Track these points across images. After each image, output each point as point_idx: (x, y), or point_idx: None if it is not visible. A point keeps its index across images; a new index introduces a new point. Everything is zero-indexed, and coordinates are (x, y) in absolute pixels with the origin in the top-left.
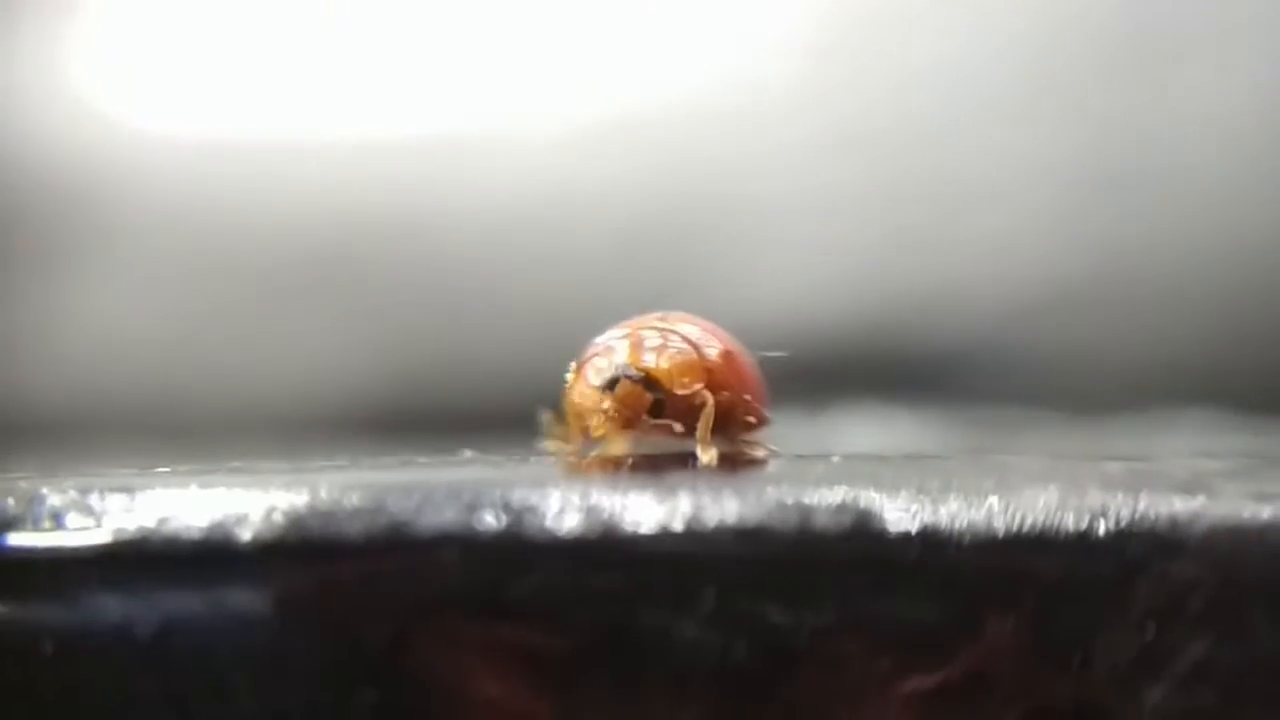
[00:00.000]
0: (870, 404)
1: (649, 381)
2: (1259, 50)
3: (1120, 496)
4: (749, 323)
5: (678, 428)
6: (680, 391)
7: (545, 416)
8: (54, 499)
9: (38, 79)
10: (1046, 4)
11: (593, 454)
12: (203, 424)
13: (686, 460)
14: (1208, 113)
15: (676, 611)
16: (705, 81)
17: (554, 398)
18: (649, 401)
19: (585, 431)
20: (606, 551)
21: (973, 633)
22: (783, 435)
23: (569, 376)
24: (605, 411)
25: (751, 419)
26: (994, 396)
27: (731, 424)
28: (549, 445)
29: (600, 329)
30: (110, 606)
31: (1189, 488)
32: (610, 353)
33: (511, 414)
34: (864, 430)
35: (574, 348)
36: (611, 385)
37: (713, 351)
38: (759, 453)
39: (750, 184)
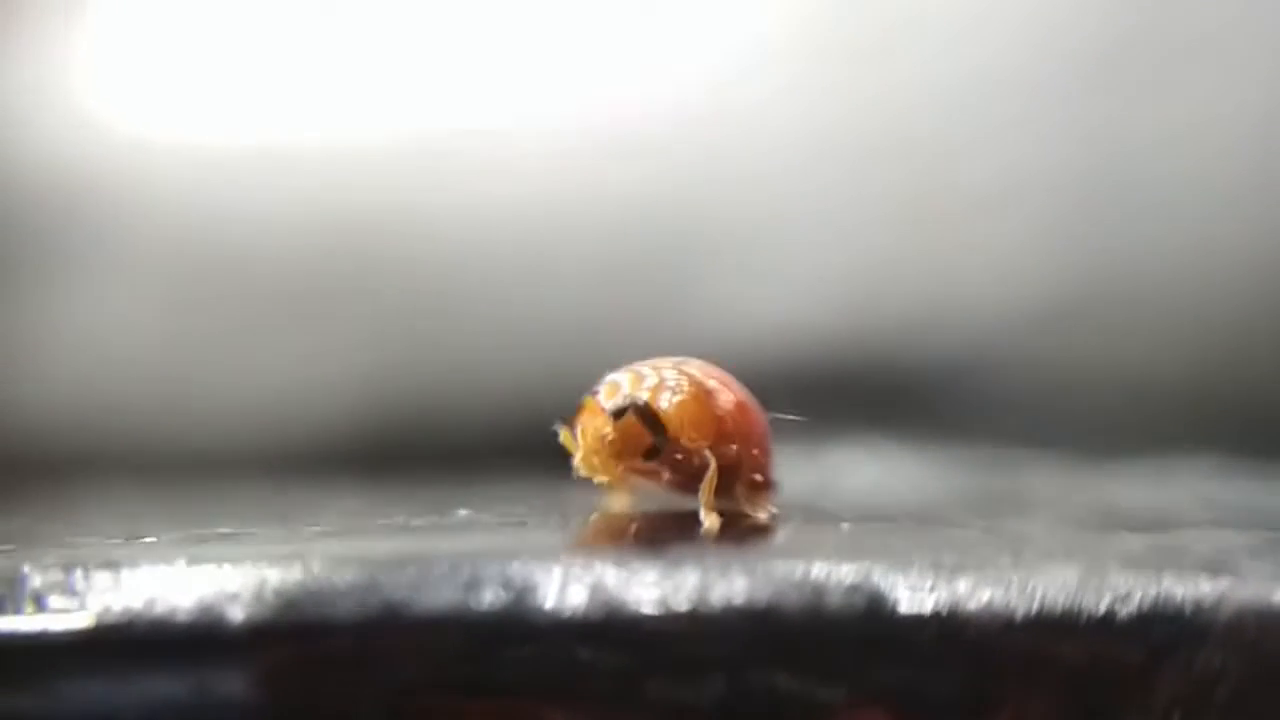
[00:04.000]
0: (865, 432)
1: (655, 423)
2: (1260, 61)
3: (1143, 577)
4: (740, 342)
5: (666, 476)
6: (686, 443)
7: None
8: (36, 579)
9: (28, 86)
10: (1041, 15)
11: (594, 515)
12: (185, 450)
13: (690, 525)
14: (1212, 124)
15: (683, 693)
16: (697, 96)
17: (542, 425)
18: (647, 443)
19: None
20: (610, 631)
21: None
22: (779, 472)
23: (584, 402)
24: (604, 438)
25: (758, 477)
26: (992, 421)
27: (737, 481)
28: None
29: (590, 352)
30: (94, 693)
31: (1214, 567)
32: (623, 385)
33: (500, 441)
34: (861, 470)
35: (563, 373)
36: (619, 414)
37: (727, 402)
38: (762, 515)
39: (742, 199)
